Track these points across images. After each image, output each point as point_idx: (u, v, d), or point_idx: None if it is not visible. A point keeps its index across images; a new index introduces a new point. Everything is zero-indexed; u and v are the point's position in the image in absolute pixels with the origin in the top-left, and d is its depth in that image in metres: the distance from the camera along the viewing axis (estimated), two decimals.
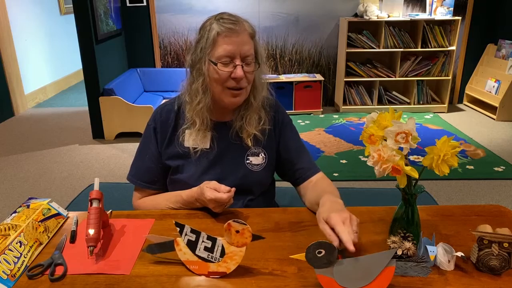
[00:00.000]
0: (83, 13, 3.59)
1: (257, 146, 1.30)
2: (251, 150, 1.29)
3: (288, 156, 1.34)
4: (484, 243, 0.91)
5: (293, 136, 1.36)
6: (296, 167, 1.33)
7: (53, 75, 5.81)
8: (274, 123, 1.33)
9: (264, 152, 1.31)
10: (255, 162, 1.29)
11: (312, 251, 0.84)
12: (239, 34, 1.17)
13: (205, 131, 1.26)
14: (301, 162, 1.33)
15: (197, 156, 1.26)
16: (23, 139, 4.05)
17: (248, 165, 1.29)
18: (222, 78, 1.18)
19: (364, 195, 1.85)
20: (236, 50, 1.16)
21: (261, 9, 4.61)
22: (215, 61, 1.17)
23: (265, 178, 1.32)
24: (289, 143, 1.34)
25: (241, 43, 1.17)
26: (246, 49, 1.17)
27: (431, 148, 0.91)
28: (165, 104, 1.33)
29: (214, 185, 1.14)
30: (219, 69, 1.17)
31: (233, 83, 1.18)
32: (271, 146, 1.33)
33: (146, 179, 1.31)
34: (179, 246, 0.95)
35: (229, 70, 1.17)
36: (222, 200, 1.11)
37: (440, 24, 4.48)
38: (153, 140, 1.30)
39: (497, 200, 2.82)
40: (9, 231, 0.99)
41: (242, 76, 1.17)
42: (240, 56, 1.17)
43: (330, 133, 4.10)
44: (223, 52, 1.16)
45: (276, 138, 1.34)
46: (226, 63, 1.17)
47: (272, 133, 1.32)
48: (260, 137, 1.28)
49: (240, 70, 1.16)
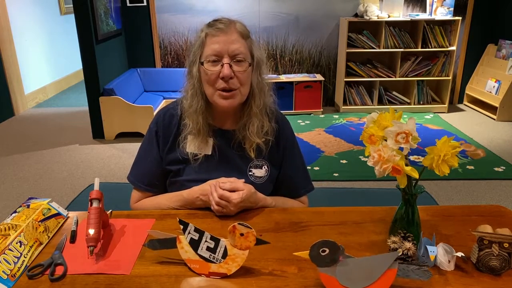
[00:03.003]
0: (83, 13, 3.59)
1: (260, 158, 1.28)
2: (254, 162, 1.28)
3: (289, 175, 1.34)
4: (484, 243, 0.91)
5: (298, 155, 1.36)
6: (293, 185, 1.35)
7: (53, 75, 5.81)
8: (277, 135, 1.30)
9: (267, 165, 1.29)
10: (258, 175, 1.28)
11: (316, 250, 0.84)
12: (226, 33, 1.16)
13: (207, 137, 1.24)
14: (299, 181, 1.36)
15: (198, 163, 1.25)
16: (23, 139, 4.05)
17: (251, 177, 1.27)
18: (212, 79, 1.17)
19: (364, 195, 1.85)
20: (223, 49, 1.15)
21: (261, 9, 4.61)
22: (203, 61, 1.17)
23: (266, 190, 1.30)
24: (293, 163, 1.34)
25: (228, 41, 1.15)
26: (234, 48, 1.16)
27: (431, 148, 0.91)
28: (168, 108, 1.32)
29: (225, 181, 1.15)
30: (207, 69, 1.16)
31: (222, 84, 1.17)
32: (274, 160, 1.31)
33: (146, 182, 1.31)
34: (181, 244, 0.95)
35: (217, 69, 1.16)
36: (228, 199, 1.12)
37: (441, 24, 4.48)
38: (154, 144, 1.29)
39: (497, 200, 2.82)
40: (9, 231, 0.99)
41: (229, 75, 1.15)
42: (228, 55, 1.15)
43: (330, 133, 4.10)
44: (210, 51, 1.16)
45: (280, 154, 1.32)
46: (214, 62, 1.16)
47: (275, 146, 1.30)
48: (262, 147, 1.27)
49: (227, 69, 1.15)
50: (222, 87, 1.17)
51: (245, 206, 1.17)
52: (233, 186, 1.14)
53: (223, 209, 1.14)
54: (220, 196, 1.13)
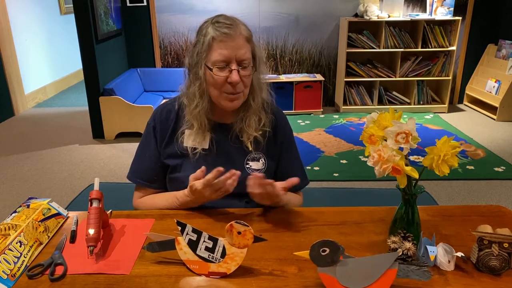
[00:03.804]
0: (83, 13, 3.59)
1: (258, 151, 1.29)
2: (251, 155, 1.28)
3: (287, 169, 1.34)
4: (484, 243, 0.91)
5: (295, 150, 1.37)
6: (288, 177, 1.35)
7: (53, 75, 5.81)
8: (274, 126, 1.31)
9: (265, 158, 1.30)
10: (254, 167, 1.29)
11: (316, 249, 0.84)
12: (234, 39, 1.16)
13: (205, 132, 1.26)
14: (296, 175, 1.33)
15: (195, 157, 1.26)
16: (23, 139, 4.05)
17: (248, 169, 1.28)
18: (218, 83, 1.18)
19: (364, 195, 1.85)
20: (232, 55, 1.16)
21: (261, 9, 4.61)
22: (210, 66, 1.17)
23: None
24: (291, 158, 1.35)
25: (236, 47, 1.16)
26: (241, 53, 1.17)
27: (431, 148, 0.91)
28: (166, 104, 1.33)
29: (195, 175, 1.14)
30: (215, 74, 1.17)
31: (229, 88, 1.18)
32: (271, 153, 1.32)
33: (145, 178, 1.31)
34: (180, 245, 0.95)
35: (225, 75, 1.17)
36: (210, 181, 1.09)
37: (441, 24, 4.48)
38: (152, 139, 1.30)
39: (497, 200, 2.82)
40: (9, 231, 0.99)
41: (238, 81, 1.17)
42: (236, 61, 1.17)
43: (330, 133, 4.10)
44: (218, 57, 1.16)
45: (277, 147, 1.33)
46: (222, 68, 1.17)
47: (272, 138, 1.31)
48: (260, 139, 1.28)
49: (235, 75, 1.16)
50: (230, 91, 1.19)
51: (271, 200, 1.17)
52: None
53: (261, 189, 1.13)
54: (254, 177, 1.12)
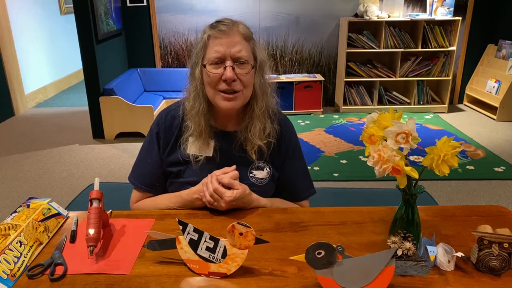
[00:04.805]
0: (83, 13, 3.59)
1: (261, 160, 1.27)
2: (255, 164, 1.27)
3: (290, 178, 1.33)
4: (484, 244, 0.91)
5: (300, 158, 1.35)
6: (294, 188, 1.34)
7: (53, 75, 5.81)
8: (279, 137, 1.29)
9: (269, 167, 1.28)
10: (259, 176, 1.27)
11: (311, 252, 0.84)
12: (229, 35, 1.15)
13: (208, 139, 1.24)
14: (300, 185, 1.34)
15: (199, 165, 1.25)
16: (23, 139, 4.05)
17: (252, 178, 1.26)
18: (213, 81, 1.17)
19: (364, 195, 1.85)
20: (226, 51, 1.15)
21: (261, 9, 4.62)
22: (205, 64, 1.17)
23: (267, 192, 1.30)
24: (294, 167, 1.33)
25: (231, 44, 1.15)
26: (236, 50, 1.15)
27: (431, 149, 0.91)
28: (170, 109, 1.31)
29: (220, 172, 1.17)
30: (209, 71, 1.16)
31: (224, 86, 1.16)
32: (276, 162, 1.30)
33: (147, 183, 1.31)
34: (180, 244, 0.95)
35: (219, 72, 1.16)
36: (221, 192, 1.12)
37: (441, 24, 4.48)
38: (155, 145, 1.29)
39: (497, 200, 2.82)
40: (9, 231, 0.99)
41: (232, 77, 1.15)
42: (230, 57, 1.15)
43: (330, 133, 4.10)
44: (212, 53, 1.15)
45: (282, 156, 1.31)
46: (216, 64, 1.16)
47: (277, 148, 1.29)
48: (264, 149, 1.26)
49: (229, 71, 1.14)
50: (224, 88, 1.17)
51: (237, 205, 1.18)
52: (230, 182, 1.15)
53: (214, 202, 1.15)
54: (215, 189, 1.13)
